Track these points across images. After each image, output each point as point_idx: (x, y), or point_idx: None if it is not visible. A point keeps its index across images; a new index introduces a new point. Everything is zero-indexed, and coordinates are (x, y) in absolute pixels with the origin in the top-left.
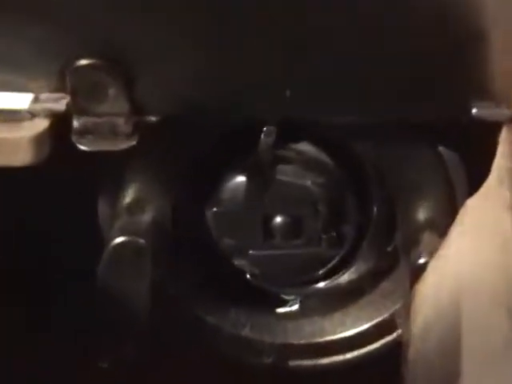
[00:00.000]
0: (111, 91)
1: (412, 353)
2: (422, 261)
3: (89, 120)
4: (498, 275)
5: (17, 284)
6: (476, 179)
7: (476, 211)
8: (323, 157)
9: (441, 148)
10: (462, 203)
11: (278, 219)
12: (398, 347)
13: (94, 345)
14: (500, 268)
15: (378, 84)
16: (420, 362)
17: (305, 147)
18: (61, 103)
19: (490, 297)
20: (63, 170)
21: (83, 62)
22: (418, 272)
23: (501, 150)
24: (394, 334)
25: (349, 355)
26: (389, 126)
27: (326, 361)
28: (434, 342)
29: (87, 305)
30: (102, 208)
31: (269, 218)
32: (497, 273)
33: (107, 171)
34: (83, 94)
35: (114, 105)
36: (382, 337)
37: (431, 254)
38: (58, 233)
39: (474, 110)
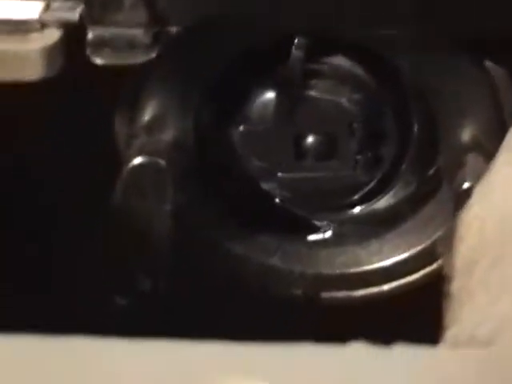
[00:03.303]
0: None
1: (455, 287)
2: (466, 185)
3: (105, 31)
4: None
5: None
6: None
7: None
8: (359, 72)
9: (488, 64)
10: (511, 124)
11: (310, 139)
12: (439, 279)
13: (111, 280)
14: None
15: None
16: (464, 297)
17: (339, 61)
18: (74, 12)
19: None
20: (77, 85)
21: None
22: (462, 197)
23: None
24: (435, 265)
25: (385, 287)
26: (431, 38)
27: (360, 293)
28: (479, 277)
29: (103, 234)
30: (119, 127)
31: (300, 138)
32: None
33: (125, 86)
34: (98, 2)
35: (131, 14)
36: (422, 267)
37: (477, 178)
38: (71, 154)
39: None
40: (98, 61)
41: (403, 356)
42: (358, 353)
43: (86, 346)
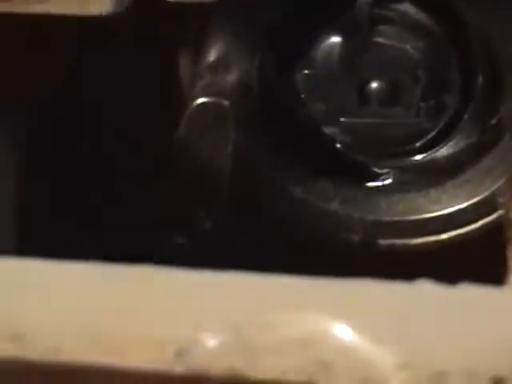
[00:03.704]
0: None
1: None
2: None
3: None
4: None
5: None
6: None
7: None
8: (425, 19)
9: None
10: None
11: (374, 85)
12: (497, 230)
13: (170, 219)
14: None
15: None
16: None
17: (406, 8)
18: None
19: None
20: (143, 23)
21: None
22: None
23: None
24: (494, 215)
25: (444, 236)
26: None
27: (418, 241)
28: None
29: (165, 174)
30: (184, 66)
31: (364, 83)
32: None
33: (192, 26)
34: None
35: None
36: (481, 217)
37: None
38: (135, 90)
39: None
40: None
41: (469, 294)
42: (423, 290)
43: (148, 274)
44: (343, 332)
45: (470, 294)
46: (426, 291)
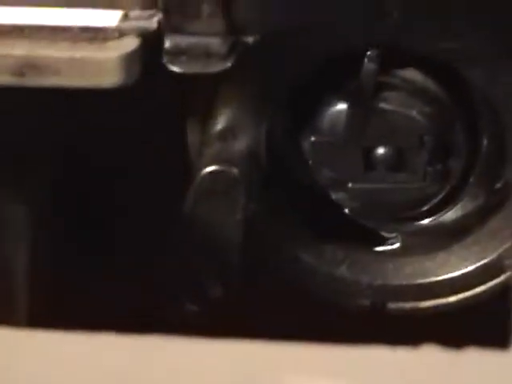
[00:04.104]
0: (206, 8)
1: None
2: None
3: (182, 40)
4: None
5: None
6: None
7: None
8: (431, 85)
9: None
10: None
11: (381, 151)
12: (505, 291)
13: (181, 287)
14: None
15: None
16: None
17: (411, 74)
18: (152, 21)
19: None
20: (152, 93)
21: None
22: None
23: None
24: (502, 277)
25: (452, 298)
26: (503, 54)
27: (427, 304)
28: None
29: (173, 242)
30: (193, 134)
31: (371, 149)
32: None
33: (199, 95)
34: (176, 11)
35: (209, 23)
36: (489, 279)
37: None
38: (144, 160)
39: None
40: (175, 69)
41: (474, 359)
42: (430, 355)
43: (154, 345)
44: None
45: (474, 359)
46: (431, 356)
